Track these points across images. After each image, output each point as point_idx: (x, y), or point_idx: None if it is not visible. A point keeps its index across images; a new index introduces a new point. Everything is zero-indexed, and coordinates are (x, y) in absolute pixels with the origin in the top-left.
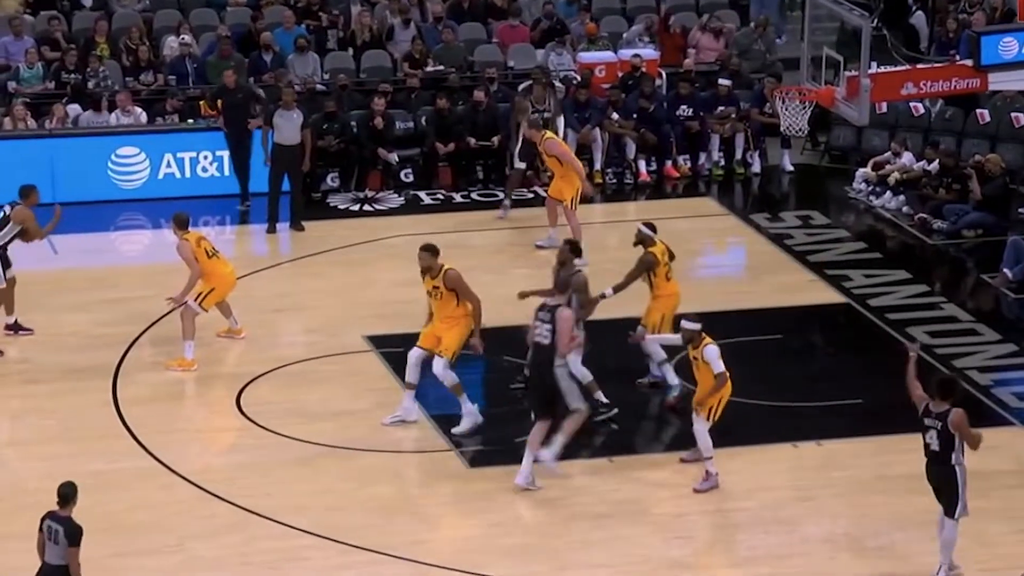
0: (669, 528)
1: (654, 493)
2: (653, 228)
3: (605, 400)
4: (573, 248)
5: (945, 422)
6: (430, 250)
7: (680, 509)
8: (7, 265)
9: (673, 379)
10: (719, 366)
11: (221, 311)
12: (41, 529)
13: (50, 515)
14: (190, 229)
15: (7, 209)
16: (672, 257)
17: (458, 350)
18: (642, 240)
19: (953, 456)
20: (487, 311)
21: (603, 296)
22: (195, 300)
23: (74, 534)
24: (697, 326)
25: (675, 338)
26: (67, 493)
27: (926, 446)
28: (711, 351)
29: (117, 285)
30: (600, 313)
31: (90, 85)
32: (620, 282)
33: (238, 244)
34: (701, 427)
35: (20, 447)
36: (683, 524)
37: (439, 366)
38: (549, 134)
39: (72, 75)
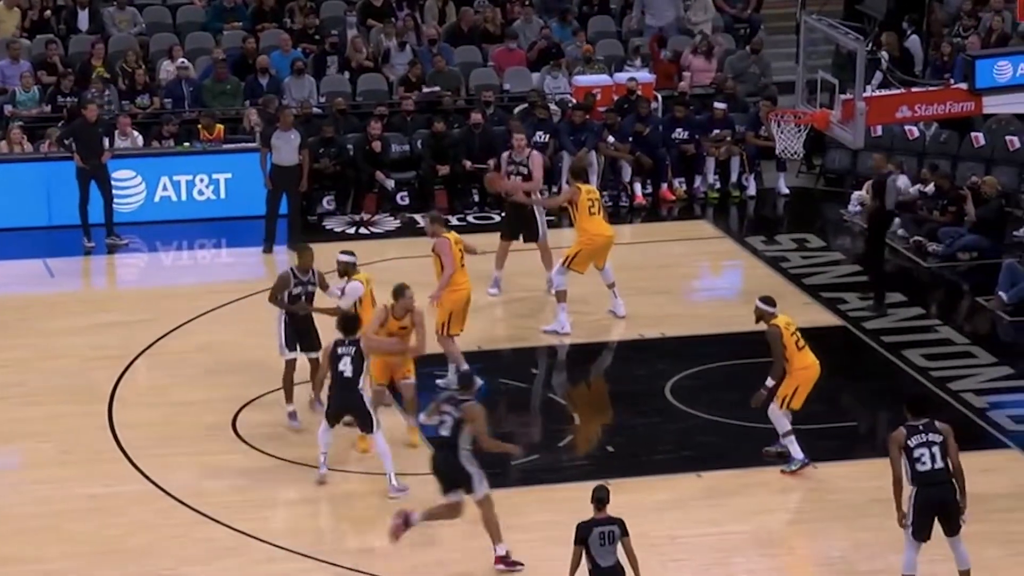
0: (665, 551)
1: (651, 515)
2: (771, 302)
3: None
4: None
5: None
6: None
7: (676, 532)
8: None
9: (798, 453)
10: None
11: None
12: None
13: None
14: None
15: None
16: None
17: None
18: (761, 316)
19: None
20: (482, 334)
21: (767, 388)
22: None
23: (623, 524)
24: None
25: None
26: (601, 497)
27: (919, 471)
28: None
29: (112, 308)
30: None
31: None
32: (774, 367)
33: (235, 266)
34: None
35: (16, 471)
36: (679, 547)
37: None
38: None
39: (68, 98)
